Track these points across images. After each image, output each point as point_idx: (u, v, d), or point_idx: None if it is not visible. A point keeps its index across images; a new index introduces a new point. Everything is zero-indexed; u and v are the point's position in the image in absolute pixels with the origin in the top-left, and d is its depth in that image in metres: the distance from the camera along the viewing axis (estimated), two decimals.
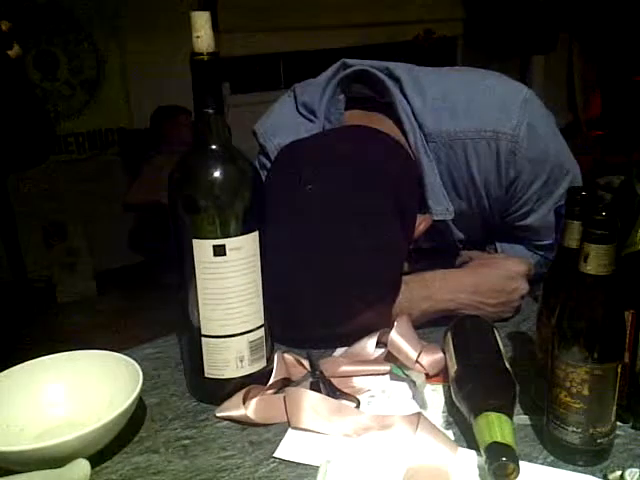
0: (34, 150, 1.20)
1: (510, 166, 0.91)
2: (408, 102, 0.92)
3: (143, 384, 0.69)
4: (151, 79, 3.38)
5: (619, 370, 0.60)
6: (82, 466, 0.61)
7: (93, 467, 0.62)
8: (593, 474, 0.61)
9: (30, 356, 0.75)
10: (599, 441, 0.61)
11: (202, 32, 0.66)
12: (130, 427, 0.69)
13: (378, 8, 4.14)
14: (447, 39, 4.61)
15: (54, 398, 0.74)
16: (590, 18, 4.66)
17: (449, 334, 0.79)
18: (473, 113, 0.90)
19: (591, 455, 0.62)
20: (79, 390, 0.74)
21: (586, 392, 0.59)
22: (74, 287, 3.35)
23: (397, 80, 0.94)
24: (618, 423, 0.64)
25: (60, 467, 0.60)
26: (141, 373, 0.70)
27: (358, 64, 0.97)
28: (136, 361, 0.73)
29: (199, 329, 0.72)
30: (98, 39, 3.42)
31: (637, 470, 0.58)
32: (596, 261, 0.58)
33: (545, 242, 1.01)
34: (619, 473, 0.59)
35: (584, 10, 4.63)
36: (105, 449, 0.66)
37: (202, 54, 0.66)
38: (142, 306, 2.95)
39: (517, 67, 4.55)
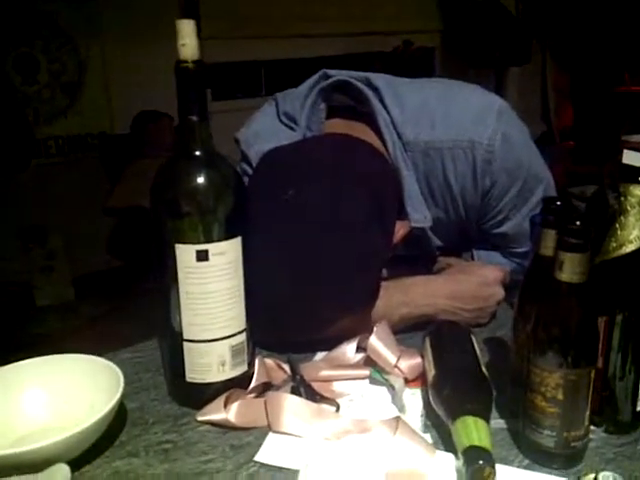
0: (16, 157, 1.19)
1: (486, 175, 0.93)
2: (387, 112, 0.94)
3: (124, 388, 0.69)
4: (133, 84, 3.37)
5: (592, 375, 0.62)
6: (62, 471, 0.60)
7: (73, 472, 0.62)
8: (567, 477, 0.62)
9: (8, 360, 0.75)
10: (573, 445, 0.63)
11: (188, 40, 0.66)
12: (111, 431, 0.69)
13: (358, 19, 4.18)
14: (425, 50, 4.66)
15: (33, 403, 0.73)
16: (563, 29, 4.74)
17: (427, 339, 0.80)
18: (450, 123, 0.92)
19: (565, 458, 0.63)
20: (59, 394, 0.73)
21: (560, 397, 0.61)
22: (52, 291, 3.31)
23: (377, 90, 0.95)
24: (591, 427, 0.66)
25: (40, 472, 0.60)
26: (122, 377, 0.70)
27: (338, 74, 0.98)
28: (117, 365, 0.73)
29: (181, 334, 0.72)
30: (80, 43, 3.39)
31: (610, 474, 0.59)
32: (570, 269, 0.59)
33: (520, 249, 1.03)
34: (592, 476, 0.60)
35: (558, 22, 4.72)
36: (85, 454, 0.66)
37: (187, 62, 0.67)
38: (122, 310, 2.92)
39: (493, 78, 4.61)
